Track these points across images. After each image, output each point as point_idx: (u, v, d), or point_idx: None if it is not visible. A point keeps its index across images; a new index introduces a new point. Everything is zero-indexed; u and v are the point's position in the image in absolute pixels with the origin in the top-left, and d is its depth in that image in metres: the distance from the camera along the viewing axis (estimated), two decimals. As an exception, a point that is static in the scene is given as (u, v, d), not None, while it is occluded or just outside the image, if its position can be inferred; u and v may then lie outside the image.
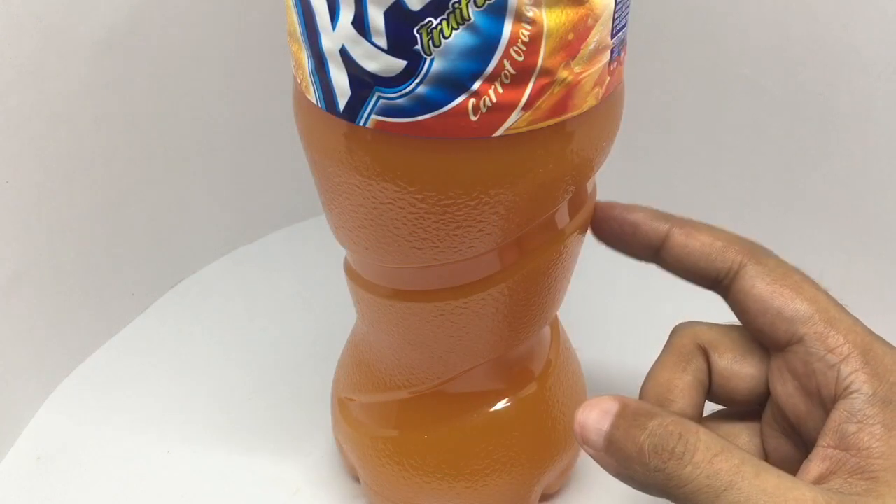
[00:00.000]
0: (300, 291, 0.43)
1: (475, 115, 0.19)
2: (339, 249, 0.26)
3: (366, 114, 0.20)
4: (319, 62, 0.20)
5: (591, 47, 0.19)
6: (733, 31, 0.38)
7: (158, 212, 0.41)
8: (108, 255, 0.39)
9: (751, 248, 0.24)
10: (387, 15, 0.18)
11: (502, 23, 0.18)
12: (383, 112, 0.19)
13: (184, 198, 0.42)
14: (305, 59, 0.20)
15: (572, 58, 0.19)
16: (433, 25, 0.18)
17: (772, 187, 0.40)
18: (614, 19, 0.20)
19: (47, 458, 0.34)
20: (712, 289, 0.25)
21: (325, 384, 0.32)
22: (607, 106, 0.22)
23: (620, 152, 0.26)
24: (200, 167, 0.42)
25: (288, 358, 0.39)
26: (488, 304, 0.24)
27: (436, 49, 0.18)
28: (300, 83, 0.22)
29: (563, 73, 0.19)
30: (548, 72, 0.19)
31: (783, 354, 0.23)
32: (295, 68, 0.22)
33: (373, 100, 0.19)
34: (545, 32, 0.18)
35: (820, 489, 0.20)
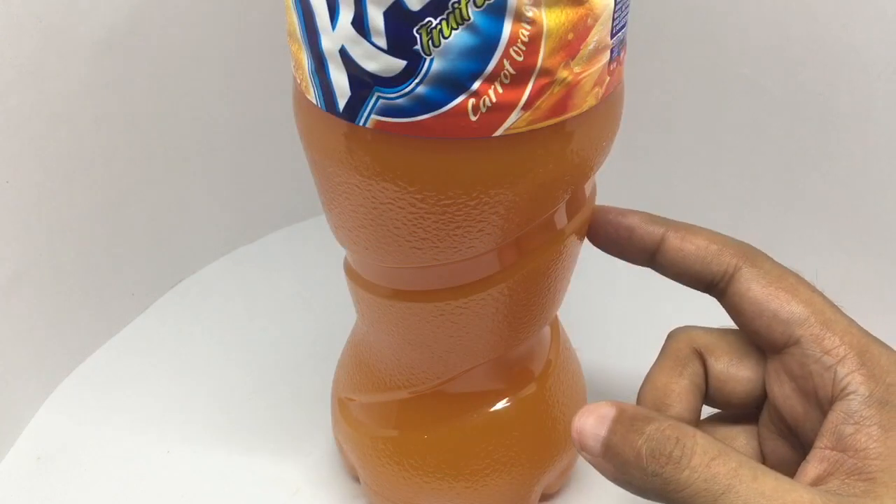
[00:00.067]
0: (300, 291, 0.43)
1: (475, 115, 0.19)
2: (339, 249, 0.26)
3: (366, 114, 0.20)
4: (319, 62, 0.20)
5: (590, 47, 0.19)
6: (733, 31, 0.38)
7: (158, 212, 0.41)
8: (108, 255, 0.39)
9: (746, 251, 0.24)
10: (386, 15, 0.18)
11: (502, 23, 0.18)
12: (383, 112, 0.19)
13: (184, 198, 0.42)
14: (305, 59, 0.20)
15: (572, 58, 0.19)
16: (433, 25, 0.18)
17: (772, 187, 0.40)
18: (614, 19, 0.20)
19: (47, 458, 0.34)
20: (708, 292, 0.25)
21: (325, 384, 0.32)
22: (607, 106, 0.22)
23: (620, 152, 0.26)
24: (200, 167, 0.42)
25: (288, 358, 0.39)
26: (488, 304, 0.24)
27: (435, 49, 0.18)
28: (300, 83, 0.22)
29: (563, 73, 0.19)
30: (547, 72, 0.19)
31: (780, 357, 0.23)
32: (295, 68, 0.22)
33: (372, 100, 0.19)
34: (545, 32, 0.18)
35: (818, 491, 0.20)
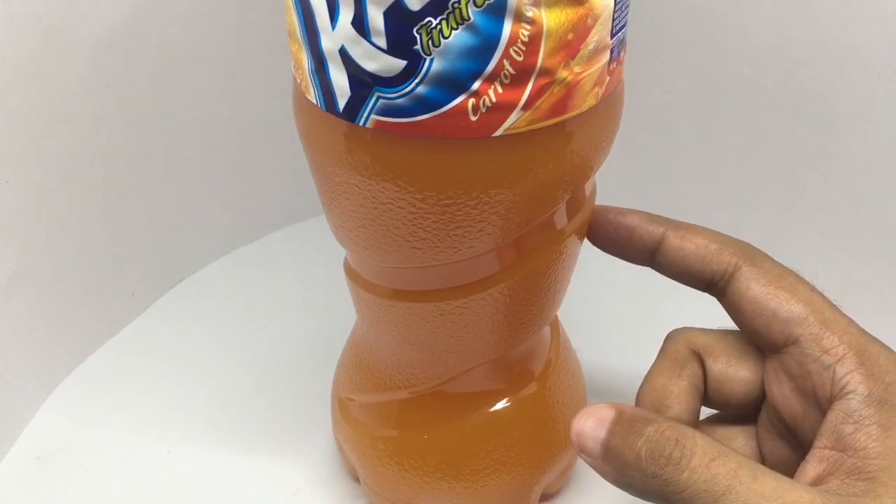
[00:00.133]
0: (300, 291, 0.43)
1: (475, 115, 0.19)
2: (339, 249, 0.26)
3: (365, 114, 0.20)
4: (319, 62, 0.20)
5: (590, 47, 0.19)
6: (733, 31, 0.38)
7: (158, 212, 0.41)
8: (108, 255, 0.39)
9: (745, 251, 0.24)
10: (386, 15, 0.18)
11: (502, 23, 0.18)
12: (383, 112, 0.19)
13: (184, 198, 0.42)
14: (305, 59, 0.20)
15: (572, 58, 0.19)
16: (433, 25, 0.18)
17: (772, 187, 0.40)
18: (614, 19, 0.20)
19: (47, 458, 0.34)
20: (707, 291, 0.25)
21: (325, 384, 0.32)
22: (607, 106, 0.22)
23: (620, 152, 0.26)
24: (200, 167, 0.42)
25: (288, 358, 0.39)
26: (488, 304, 0.24)
27: (435, 49, 0.18)
28: (300, 83, 0.22)
29: (563, 73, 0.19)
30: (547, 72, 0.19)
31: (779, 356, 0.23)
32: (295, 68, 0.22)
33: (372, 100, 0.19)
34: (545, 32, 0.18)
35: (818, 491, 0.20)
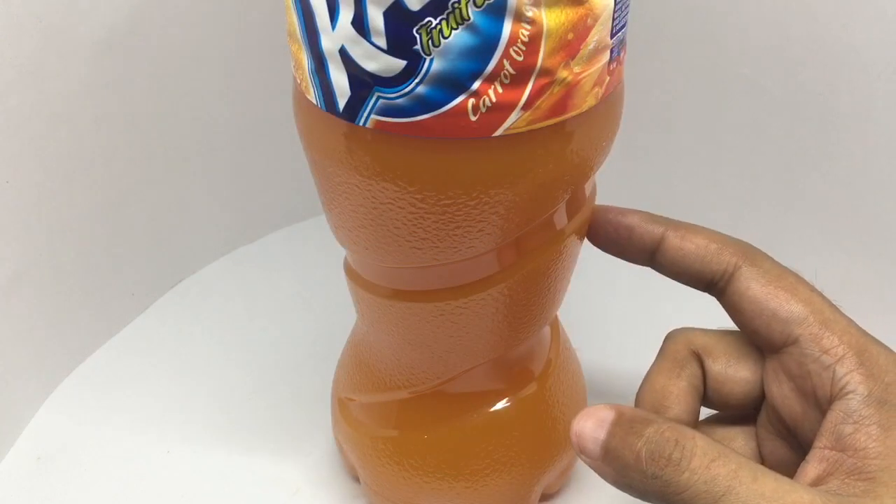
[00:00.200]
0: (300, 291, 0.43)
1: (475, 115, 0.19)
2: (339, 249, 0.26)
3: (365, 114, 0.20)
4: (319, 62, 0.20)
5: (590, 47, 0.19)
6: (733, 31, 0.38)
7: (158, 212, 0.41)
8: (108, 255, 0.39)
9: (745, 250, 0.24)
10: (386, 15, 0.18)
11: (502, 22, 0.18)
12: (383, 112, 0.19)
13: (184, 198, 0.42)
14: (305, 59, 0.20)
15: (572, 58, 0.19)
16: (433, 25, 0.18)
17: (772, 187, 0.40)
18: (614, 19, 0.20)
19: (47, 458, 0.34)
20: (707, 291, 0.25)
21: (325, 384, 0.32)
22: (607, 106, 0.22)
23: (620, 152, 0.26)
24: (200, 167, 0.42)
25: (288, 358, 0.39)
26: (488, 304, 0.24)
27: (435, 49, 0.18)
28: (300, 83, 0.22)
29: (563, 73, 0.19)
30: (547, 71, 0.19)
31: (778, 356, 0.23)
32: (295, 68, 0.22)
33: (372, 100, 0.19)
34: (545, 32, 0.18)
35: (818, 491, 0.20)
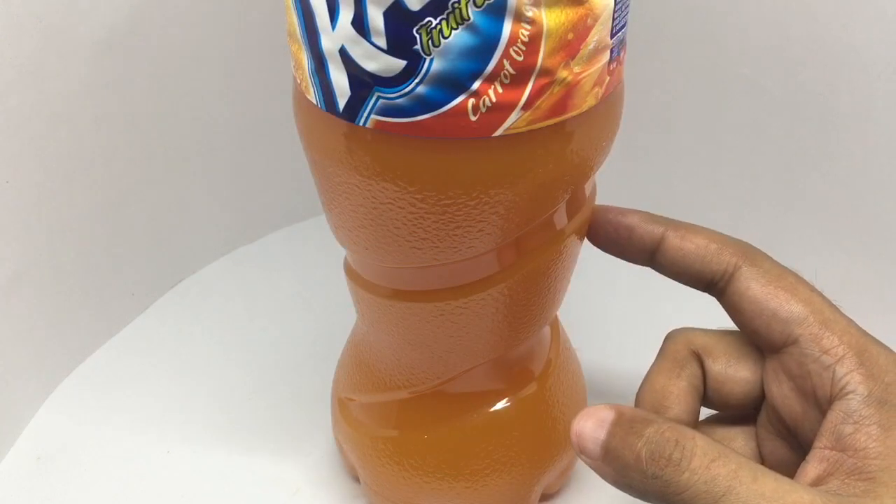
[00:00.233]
0: (300, 291, 0.43)
1: (475, 115, 0.19)
2: (339, 249, 0.26)
3: (365, 114, 0.20)
4: (319, 62, 0.20)
5: (590, 47, 0.19)
6: (733, 31, 0.38)
7: (158, 212, 0.41)
8: (108, 255, 0.39)
9: (745, 250, 0.24)
10: (386, 15, 0.18)
11: (502, 22, 0.18)
12: (383, 112, 0.19)
13: (184, 198, 0.42)
14: (305, 59, 0.20)
15: (572, 58, 0.19)
16: (433, 25, 0.18)
17: (772, 187, 0.40)
18: (614, 19, 0.20)
19: (47, 458, 0.34)
20: (707, 291, 0.25)
21: (325, 384, 0.32)
22: (607, 106, 0.22)
23: (620, 152, 0.26)
24: (200, 167, 0.42)
25: (288, 358, 0.39)
26: (488, 304, 0.24)
27: (435, 49, 0.18)
28: (300, 83, 0.22)
29: (563, 73, 0.19)
30: (547, 71, 0.19)
31: (778, 356, 0.23)
32: (295, 68, 0.22)
33: (372, 100, 0.19)
34: (545, 32, 0.18)
35: (818, 491, 0.20)
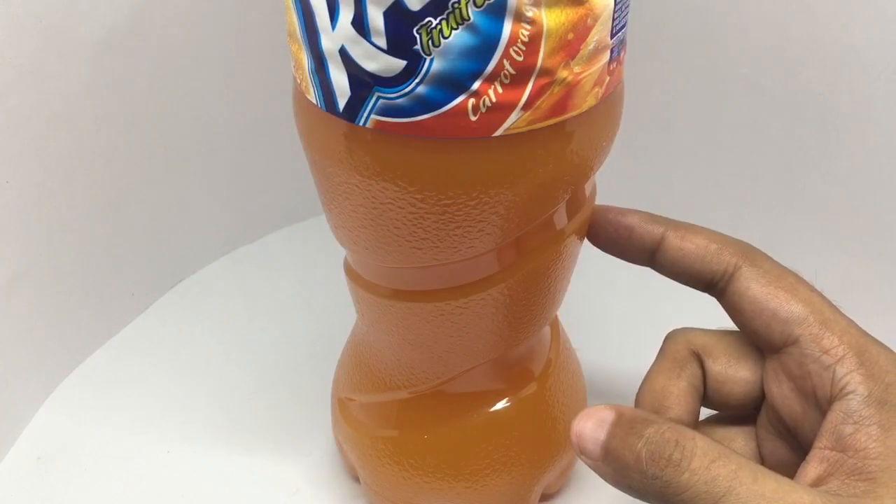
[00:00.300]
0: (300, 291, 0.43)
1: (475, 115, 0.19)
2: (339, 249, 0.26)
3: (365, 114, 0.20)
4: (319, 62, 0.20)
5: (590, 47, 0.19)
6: (733, 31, 0.38)
7: (158, 212, 0.41)
8: (108, 255, 0.39)
9: (745, 251, 0.24)
10: (386, 15, 0.18)
11: (502, 23, 0.18)
12: (383, 112, 0.19)
13: (184, 198, 0.42)
14: (305, 59, 0.20)
15: (572, 58, 0.19)
16: (433, 25, 0.18)
17: (772, 187, 0.40)
18: (614, 19, 0.20)
19: (47, 458, 0.34)
20: (707, 291, 0.25)
21: (325, 384, 0.32)
22: (607, 106, 0.22)
23: (620, 152, 0.26)
24: (200, 167, 0.42)
25: (288, 358, 0.39)
26: (488, 304, 0.24)
27: (435, 49, 0.18)
28: (300, 83, 0.22)
29: (563, 73, 0.19)
30: (547, 72, 0.19)
31: (778, 356, 0.23)
32: (295, 68, 0.22)
33: (372, 100, 0.19)
34: (545, 32, 0.18)
35: (818, 491, 0.20)
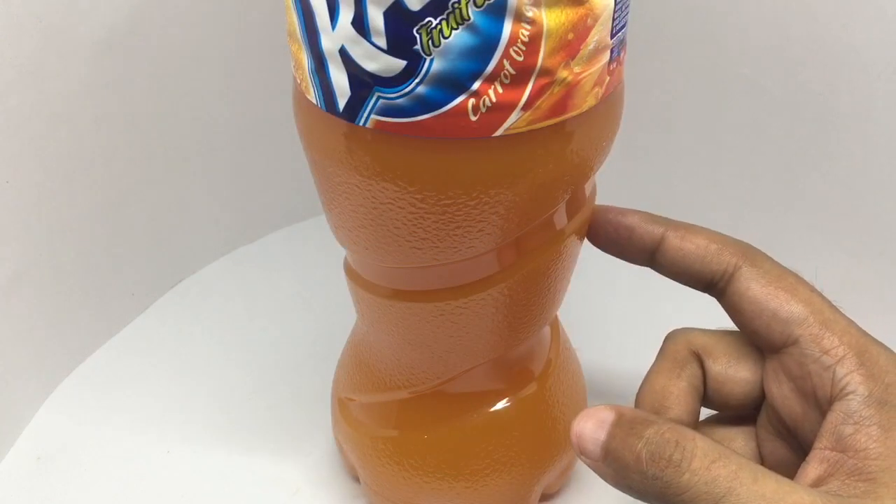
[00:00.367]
0: (300, 291, 0.43)
1: (475, 115, 0.19)
2: (339, 249, 0.26)
3: (365, 114, 0.20)
4: (319, 62, 0.20)
5: (590, 47, 0.19)
6: (733, 31, 0.38)
7: (158, 212, 0.41)
8: (108, 255, 0.39)
9: (745, 251, 0.24)
10: (386, 15, 0.18)
11: (502, 23, 0.18)
12: (383, 112, 0.19)
13: (184, 198, 0.42)
14: (305, 59, 0.20)
15: (572, 58, 0.19)
16: (433, 25, 0.18)
17: (772, 187, 0.40)
18: (614, 19, 0.20)
19: (47, 458, 0.34)
20: (707, 291, 0.25)
21: (325, 384, 0.32)
22: (607, 106, 0.22)
23: (620, 152, 0.26)
24: (200, 167, 0.42)
25: (288, 358, 0.39)
26: (488, 304, 0.24)
27: (435, 49, 0.18)
28: (300, 83, 0.22)
29: (563, 73, 0.19)
30: (547, 72, 0.19)
31: (778, 356, 0.23)
32: (295, 68, 0.22)
33: (372, 100, 0.19)
34: (545, 32, 0.18)
35: (818, 492, 0.20)
